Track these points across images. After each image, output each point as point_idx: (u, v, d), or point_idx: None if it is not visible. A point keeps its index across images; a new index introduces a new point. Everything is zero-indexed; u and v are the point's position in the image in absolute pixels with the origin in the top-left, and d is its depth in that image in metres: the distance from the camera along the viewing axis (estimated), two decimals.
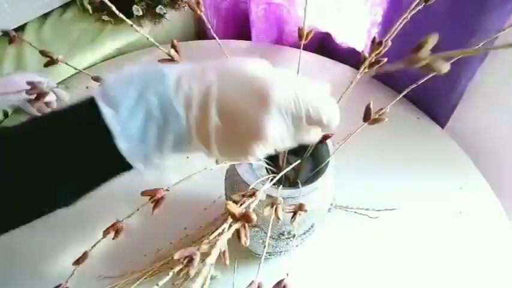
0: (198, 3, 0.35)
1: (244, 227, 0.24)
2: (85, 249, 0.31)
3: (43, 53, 0.33)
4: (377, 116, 0.34)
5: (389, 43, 0.33)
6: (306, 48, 0.37)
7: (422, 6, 0.32)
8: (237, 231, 0.24)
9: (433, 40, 0.18)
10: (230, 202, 0.24)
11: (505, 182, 0.66)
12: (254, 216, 0.24)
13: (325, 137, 0.37)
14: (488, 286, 0.54)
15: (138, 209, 0.32)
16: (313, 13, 0.83)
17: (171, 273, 0.21)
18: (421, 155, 0.69)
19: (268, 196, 0.36)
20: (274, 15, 0.89)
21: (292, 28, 0.90)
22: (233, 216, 0.24)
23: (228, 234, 0.23)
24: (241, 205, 0.27)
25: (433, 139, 0.72)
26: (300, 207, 0.32)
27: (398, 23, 0.32)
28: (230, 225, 0.24)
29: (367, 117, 0.34)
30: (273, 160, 0.44)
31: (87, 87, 0.31)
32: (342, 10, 0.82)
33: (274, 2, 0.86)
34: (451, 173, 0.66)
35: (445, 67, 0.18)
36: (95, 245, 0.30)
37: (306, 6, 0.36)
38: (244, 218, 0.24)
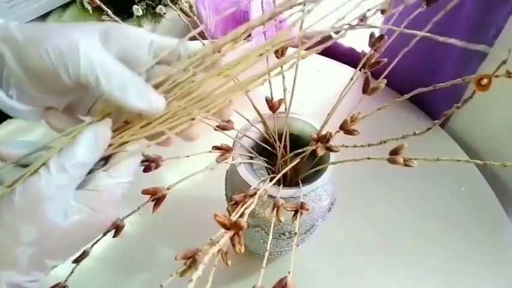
0: (190, 7, 0.35)
1: (238, 235, 0.24)
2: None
3: None
4: (375, 85, 0.34)
5: (386, 37, 0.33)
6: (305, 48, 0.37)
7: (424, 8, 0.32)
8: (231, 240, 0.23)
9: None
10: (218, 213, 0.24)
11: (506, 182, 0.66)
12: (245, 224, 0.23)
13: (328, 149, 0.37)
14: (488, 286, 0.54)
15: (138, 208, 0.32)
16: (313, 13, 0.83)
17: (174, 275, 0.21)
18: (420, 155, 0.69)
19: (269, 196, 0.36)
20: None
21: (292, 28, 0.90)
22: (223, 226, 0.24)
23: (227, 237, 0.23)
24: (242, 205, 0.27)
25: (433, 139, 0.71)
26: (302, 206, 0.32)
27: (402, 27, 0.32)
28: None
29: (365, 88, 0.34)
30: (272, 160, 0.44)
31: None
32: (341, 9, 0.82)
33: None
34: (451, 173, 0.66)
35: None
36: (95, 243, 0.30)
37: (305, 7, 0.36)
38: (236, 226, 0.23)
